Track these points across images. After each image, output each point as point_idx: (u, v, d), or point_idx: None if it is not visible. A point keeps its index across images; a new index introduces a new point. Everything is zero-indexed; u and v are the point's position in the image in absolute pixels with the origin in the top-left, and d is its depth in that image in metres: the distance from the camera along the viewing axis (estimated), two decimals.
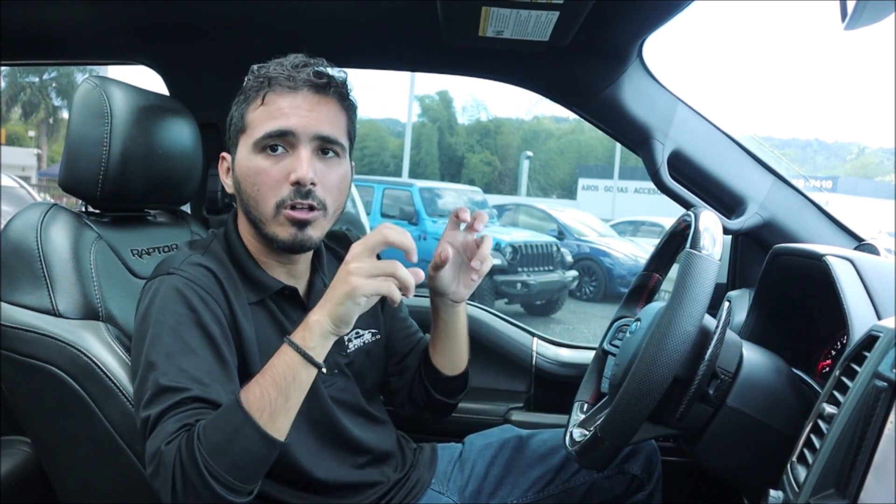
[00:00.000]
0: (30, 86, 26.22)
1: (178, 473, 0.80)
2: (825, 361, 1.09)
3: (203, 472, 0.79)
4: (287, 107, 0.95)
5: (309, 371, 0.86)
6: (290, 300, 1.04)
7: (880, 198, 23.29)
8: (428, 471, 1.20)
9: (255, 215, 0.98)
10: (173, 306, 0.90)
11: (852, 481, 0.57)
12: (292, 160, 0.95)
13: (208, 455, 0.79)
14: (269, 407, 0.82)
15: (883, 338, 0.69)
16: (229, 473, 0.80)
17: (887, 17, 0.67)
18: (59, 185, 1.13)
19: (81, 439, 0.99)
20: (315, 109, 0.96)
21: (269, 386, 0.83)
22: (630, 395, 0.82)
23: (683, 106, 1.37)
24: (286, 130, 0.94)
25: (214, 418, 0.82)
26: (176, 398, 0.84)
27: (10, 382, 1.02)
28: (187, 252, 0.99)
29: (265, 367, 0.86)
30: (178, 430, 0.82)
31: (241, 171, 0.98)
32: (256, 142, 0.96)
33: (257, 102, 0.97)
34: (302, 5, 1.31)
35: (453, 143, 30.23)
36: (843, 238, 1.34)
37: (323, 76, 0.97)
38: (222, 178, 1.05)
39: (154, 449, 0.82)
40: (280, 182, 0.95)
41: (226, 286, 0.96)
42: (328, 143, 0.97)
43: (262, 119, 0.96)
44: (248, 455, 0.82)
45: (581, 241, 9.99)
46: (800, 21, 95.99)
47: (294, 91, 0.96)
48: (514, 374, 1.62)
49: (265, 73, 0.98)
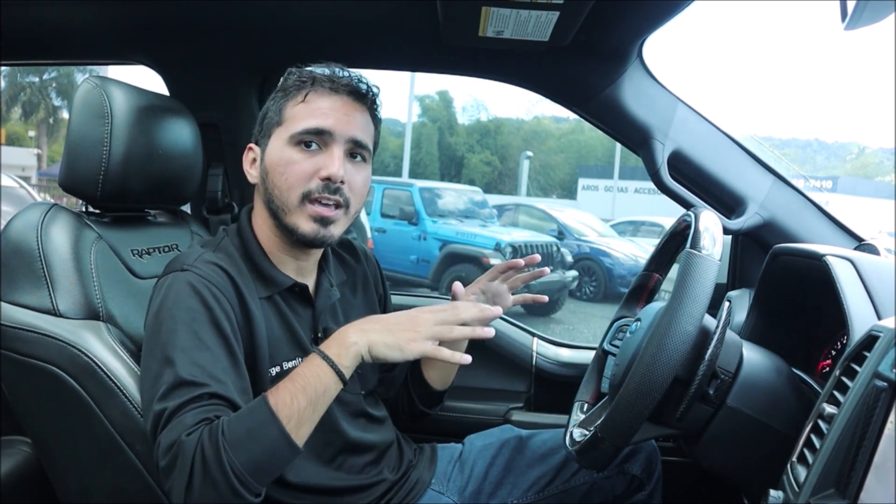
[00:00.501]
0: (30, 86, 26.21)
1: (199, 464, 0.80)
2: (825, 361, 1.09)
3: (224, 464, 0.79)
4: (327, 107, 1.00)
5: (337, 386, 0.89)
6: (299, 297, 1.07)
7: (880, 198, 23.28)
8: (428, 471, 1.20)
9: (278, 204, 1.01)
10: (188, 302, 0.91)
11: (852, 481, 0.57)
12: (325, 157, 0.99)
13: (231, 449, 0.80)
14: (297, 415, 0.85)
15: (883, 338, 0.69)
16: (248, 470, 0.81)
17: (887, 17, 0.67)
18: (60, 185, 1.13)
19: (82, 439, 0.99)
20: (351, 114, 1.01)
21: (300, 394, 0.86)
22: (630, 395, 0.82)
23: (683, 106, 1.37)
24: (324, 129, 0.99)
25: (240, 415, 0.84)
26: (194, 393, 0.85)
27: (10, 382, 1.02)
28: (200, 250, 1.01)
29: (294, 374, 0.88)
30: (198, 423, 0.82)
31: (272, 160, 1.01)
32: (293, 135, 0.99)
33: (298, 99, 1.01)
34: (302, 5, 1.31)
35: (453, 143, 30.23)
36: (843, 238, 1.34)
37: (363, 83, 1.04)
38: (246, 169, 1.07)
39: (171, 440, 0.82)
40: (310, 175, 0.99)
41: (238, 283, 0.98)
42: (359, 148, 1.02)
43: (302, 115, 1.00)
44: (270, 455, 0.83)
45: (581, 241, 9.98)
46: (800, 21, 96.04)
47: (335, 94, 1.01)
48: (514, 374, 1.62)
49: (309, 74, 1.03)
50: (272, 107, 1.04)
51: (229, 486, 0.80)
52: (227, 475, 0.79)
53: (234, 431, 0.81)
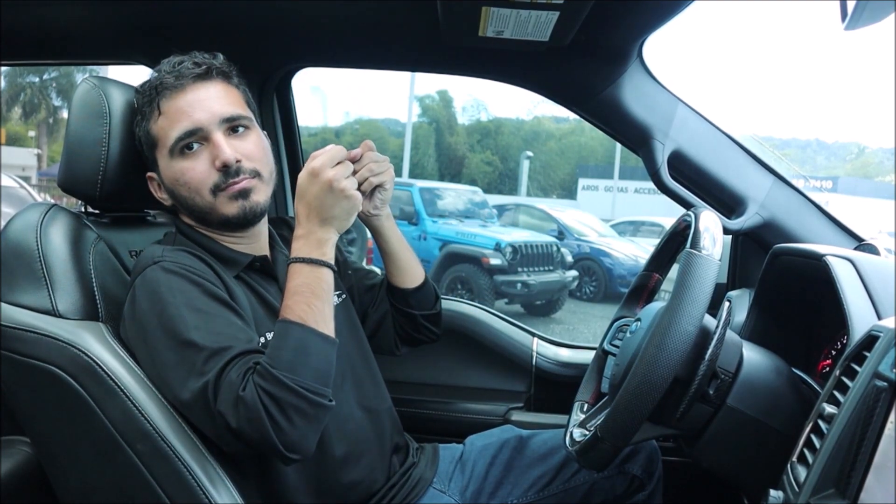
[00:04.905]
0: (30, 86, 26.20)
1: (270, 403, 0.83)
2: (825, 361, 1.09)
3: (295, 388, 0.84)
4: (184, 105, 1.00)
5: (328, 273, 0.96)
6: (261, 273, 1.09)
7: (880, 198, 23.26)
8: (429, 470, 1.20)
9: (198, 210, 1.03)
10: (177, 286, 0.93)
11: (852, 481, 0.57)
12: (210, 149, 1.00)
13: (290, 373, 0.84)
14: (321, 316, 0.92)
15: (883, 338, 0.69)
16: (316, 380, 0.87)
17: (887, 17, 0.67)
18: (59, 185, 1.13)
19: (82, 439, 0.99)
20: (208, 98, 1.01)
21: (314, 299, 0.92)
22: (630, 395, 0.82)
23: (683, 106, 1.36)
24: (192, 129, 0.99)
25: (275, 346, 0.88)
26: (226, 357, 0.87)
27: (10, 382, 1.02)
28: (159, 246, 1.02)
29: (296, 287, 0.94)
30: (243, 375, 0.85)
31: (170, 179, 1.03)
32: (171, 148, 1.00)
33: (155, 114, 1.01)
34: (302, 5, 1.31)
35: (453, 143, 30.21)
36: (843, 238, 1.34)
37: (202, 63, 1.02)
38: (157, 196, 1.08)
39: (231, 401, 0.84)
40: (207, 172, 1.00)
41: (210, 263, 1.00)
42: (235, 121, 1.02)
43: (166, 126, 1.01)
44: (322, 358, 0.90)
45: (581, 241, 9.98)
46: (800, 21, 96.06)
47: (182, 88, 1.00)
48: (515, 374, 1.62)
49: (150, 85, 1.02)
50: (140, 133, 1.04)
51: (309, 402, 0.85)
52: (303, 396, 0.84)
53: (282, 360, 0.86)
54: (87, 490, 1.02)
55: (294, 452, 0.86)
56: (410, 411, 1.52)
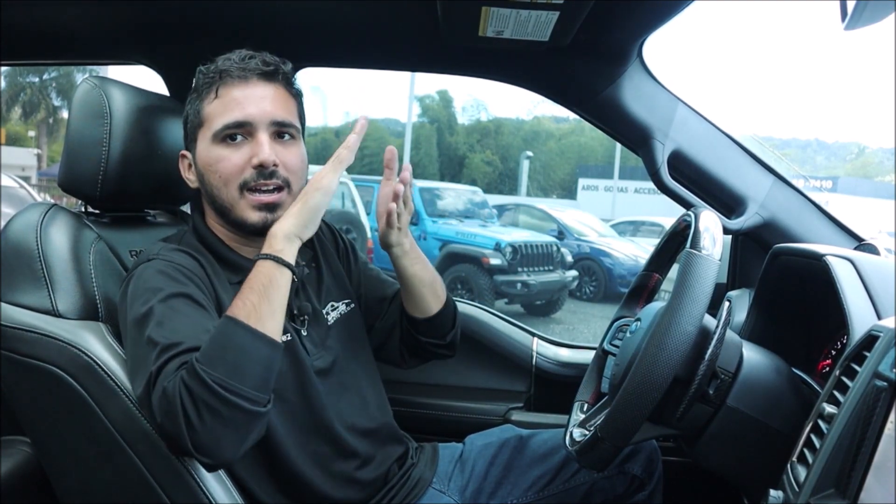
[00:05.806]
0: (30, 86, 26.20)
1: (187, 398, 0.79)
2: (825, 361, 1.09)
3: (209, 383, 0.79)
4: (241, 97, 1.00)
5: (283, 273, 0.90)
6: None
7: (880, 198, 23.27)
8: (429, 470, 1.20)
9: (220, 202, 1.02)
10: (158, 284, 0.93)
11: (852, 481, 0.57)
12: (252, 146, 1.00)
13: (209, 367, 0.80)
14: (254, 311, 0.85)
15: (883, 338, 0.69)
16: (230, 376, 0.80)
17: (887, 17, 0.67)
18: (59, 185, 1.13)
19: (82, 439, 0.99)
20: (266, 97, 1.01)
21: (248, 293, 0.87)
22: (630, 395, 0.82)
23: (683, 106, 1.37)
24: (243, 121, 0.99)
25: (209, 339, 0.84)
26: (172, 352, 0.85)
27: (10, 382, 1.02)
28: (163, 244, 1.03)
29: (242, 285, 0.90)
30: (177, 370, 0.83)
31: (203, 162, 1.03)
32: (216, 133, 1.00)
33: (211, 96, 1.01)
34: (302, 5, 1.31)
35: (453, 143, 30.21)
36: (843, 238, 1.34)
37: (270, 64, 1.03)
38: (184, 175, 1.09)
39: (159, 393, 0.82)
40: (242, 167, 1.00)
41: (205, 266, 1.00)
42: (284, 127, 1.02)
43: (218, 111, 1.01)
44: (247, 356, 0.83)
45: (581, 241, 9.99)
46: (800, 21, 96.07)
47: (245, 81, 1.01)
48: (514, 374, 1.62)
49: (216, 68, 1.02)
50: (190, 110, 1.05)
51: (224, 402, 0.79)
52: (213, 391, 0.79)
53: (205, 353, 0.82)
54: (87, 490, 1.02)
55: (204, 455, 0.81)
56: (410, 411, 1.52)
